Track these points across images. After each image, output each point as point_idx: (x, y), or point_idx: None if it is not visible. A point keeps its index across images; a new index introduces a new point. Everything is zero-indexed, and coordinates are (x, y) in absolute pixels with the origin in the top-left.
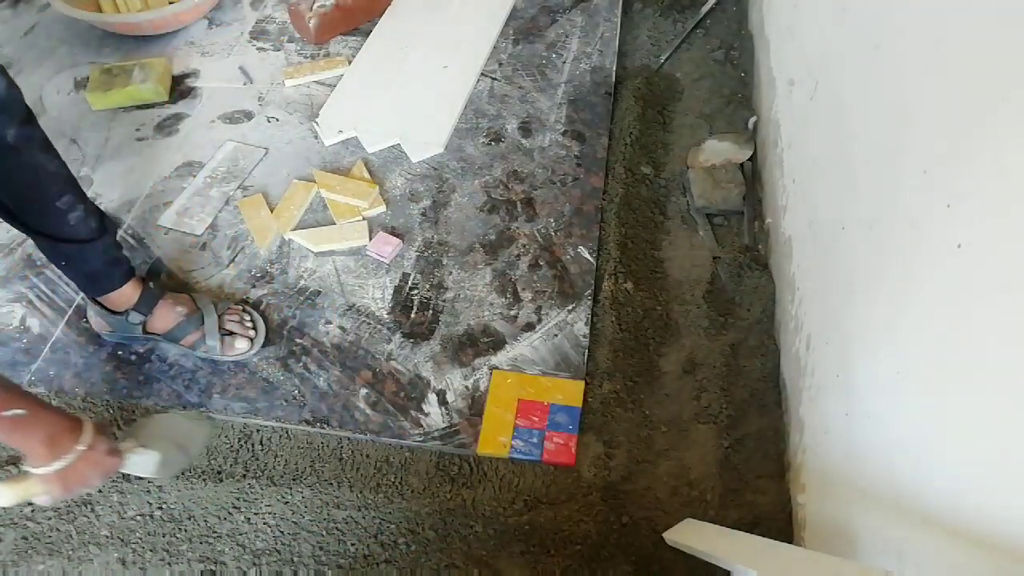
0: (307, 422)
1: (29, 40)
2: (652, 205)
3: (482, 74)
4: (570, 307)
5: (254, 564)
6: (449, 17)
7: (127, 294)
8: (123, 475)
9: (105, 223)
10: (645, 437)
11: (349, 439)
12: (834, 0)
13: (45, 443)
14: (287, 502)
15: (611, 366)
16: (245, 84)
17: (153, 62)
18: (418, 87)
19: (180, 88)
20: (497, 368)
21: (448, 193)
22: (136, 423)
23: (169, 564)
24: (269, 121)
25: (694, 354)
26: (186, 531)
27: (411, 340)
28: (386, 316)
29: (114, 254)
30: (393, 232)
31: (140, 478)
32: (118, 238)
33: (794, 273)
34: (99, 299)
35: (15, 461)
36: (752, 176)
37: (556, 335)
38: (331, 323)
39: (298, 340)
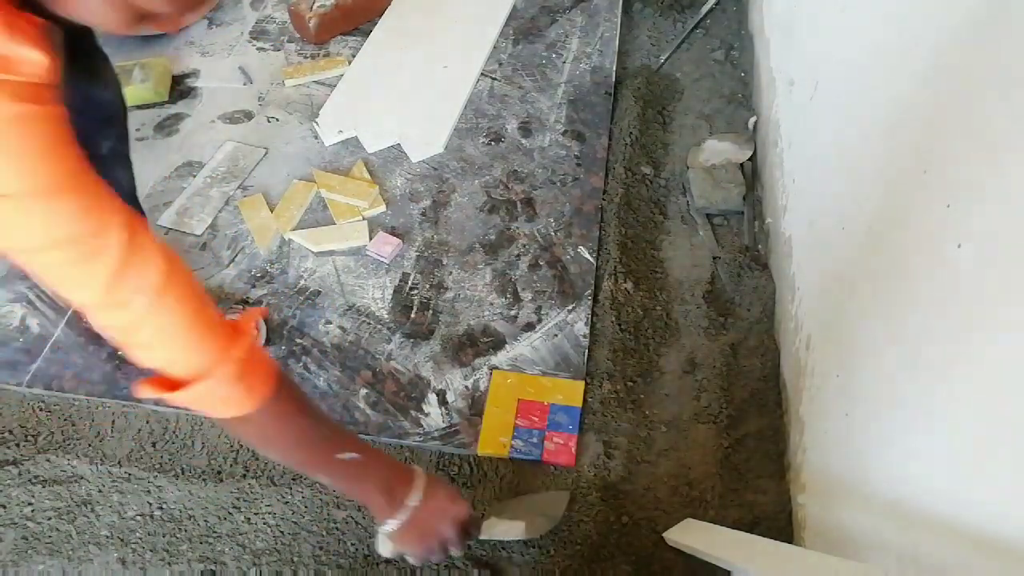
0: None
1: None
2: (652, 205)
3: (482, 74)
4: (570, 307)
5: (254, 564)
6: (449, 17)
7: None
8: (125, 477)
9: None
10: (645, 437)
11: None
12: (834, 0)
13: (382, 492)
14: (287, 502)
15: (611, 366)
16: (245, 84)
17: (153, 62)
18: (418, 87)
19: (180, 88)
20: (497, 368)
21: (448, 193)
22: (502, 502)
23: (169, 564)
24: (269, 121)
25: (694, 354)
26: (186, 531)
27: (411, 340)
28: (386, 316)
29: None
30: (393, 232)
31: None
32: None
33: (794, 273)
34: None
35: (16, 462)
36: (752, 176)
37: (556, 335)
38: (331, 323)
39: (298, 340)
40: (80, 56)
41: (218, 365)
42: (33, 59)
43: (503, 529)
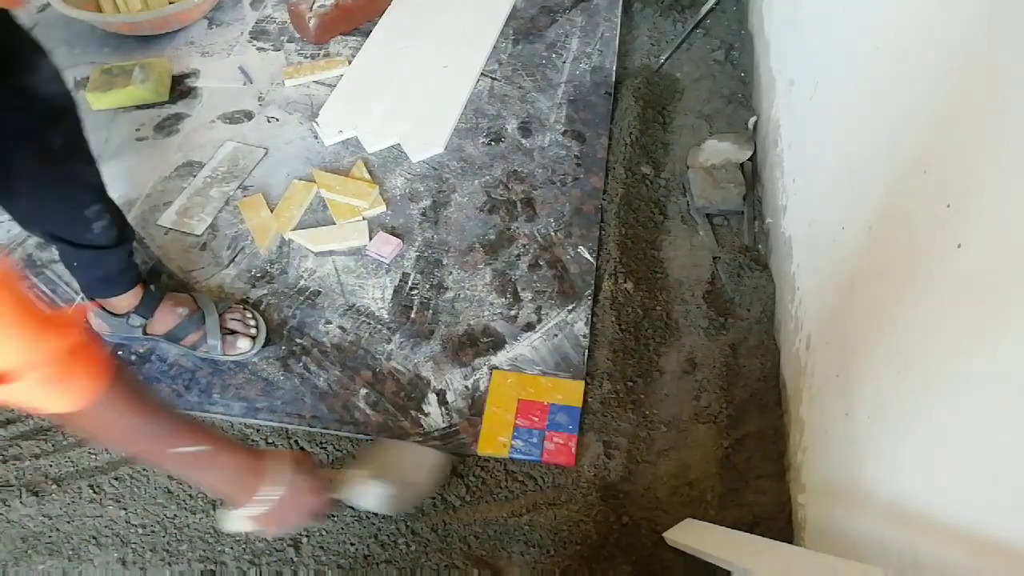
0: (307, 422)
1: None
2: (652, 205)
3: (482, 74)
4: (570, 307)
5: (254, 564)
6: (449, 17)
7: (129, 298)
8: (125, 476)
9: (126, 232)
10: (645, 437)
11: (349, 439)
12: (834, 0)
13: (230, 482)
14: None
15: (611, 366)
16: (245, 84)
17: (153, 62)
18: (418, 87)
19: (180, 88)
20: (497, 368)
21: (448, 193)
22: (366, 449)
23: (169, 564)
24: (269, 121)
25: (694, 354)
26: (186, 531)
27: (411, 340)
28: (386, 316)
29: (128, 262)
30: (393, 232)
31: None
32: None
33: (794, 273)
34: (100, 302)
35: (16, 461)
36: (752, 176)
37: (556, 335)
38: (331, 323)
39: (298, 340)
40: (6, 54)
41: (38, 362)
42: None
43: (362, 492)
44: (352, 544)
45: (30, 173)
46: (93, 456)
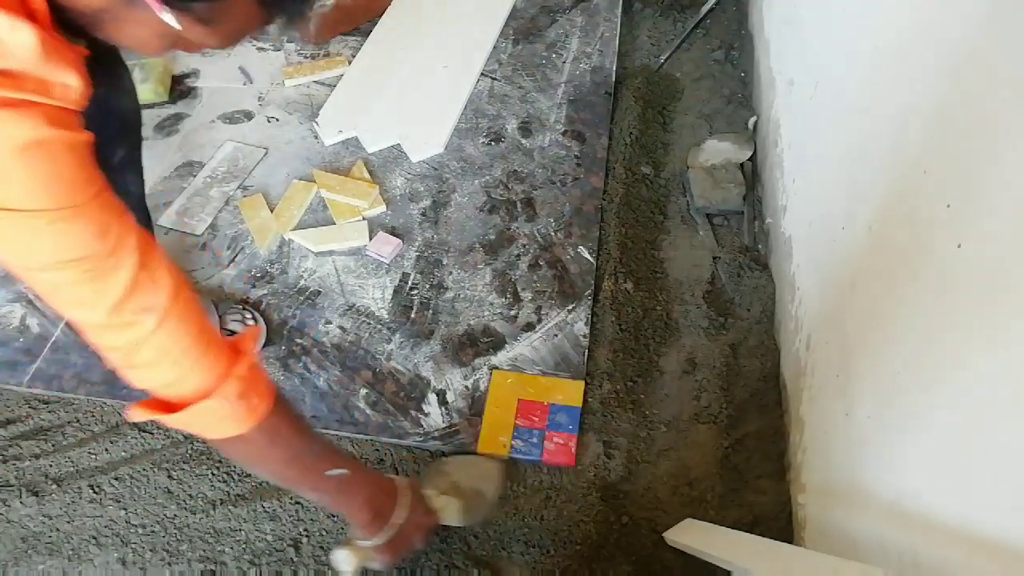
0: (307, 422)
1: None
2: (652, 205)
3: (482, 74)
4: (570, 307)
5: (254, 564)
6: (449, 17)
7: None
8: (125, 476)
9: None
10: (645, 437)
11: (349, 439)
12: (834, 0)
13: (369, 508)
14: (287, 502)
15: (611, 366)
16: (245, 84)
17: (153, 62)
18: (418, 87)
19: (180, 88)
20: (497, 368)
21: (448, 193)
22: (430, 468)
23: (169, 564)
24: (269, 121)
25: (694, 354)
26: (186, 531)
27: (411, 340)
28: (386, 316)
29: None
30: (393, 232)
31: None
32: None
33: (794, 273)
34: None
35: (16, 460)
36: (752, 176)
37: (556, 335)
38: (331, 323)
39: (298, 340)
40: (102, 65)
41: (220, 384)
42: (69, 83)
43: (442, 508)
44: None
45: None
46: (93, 456)
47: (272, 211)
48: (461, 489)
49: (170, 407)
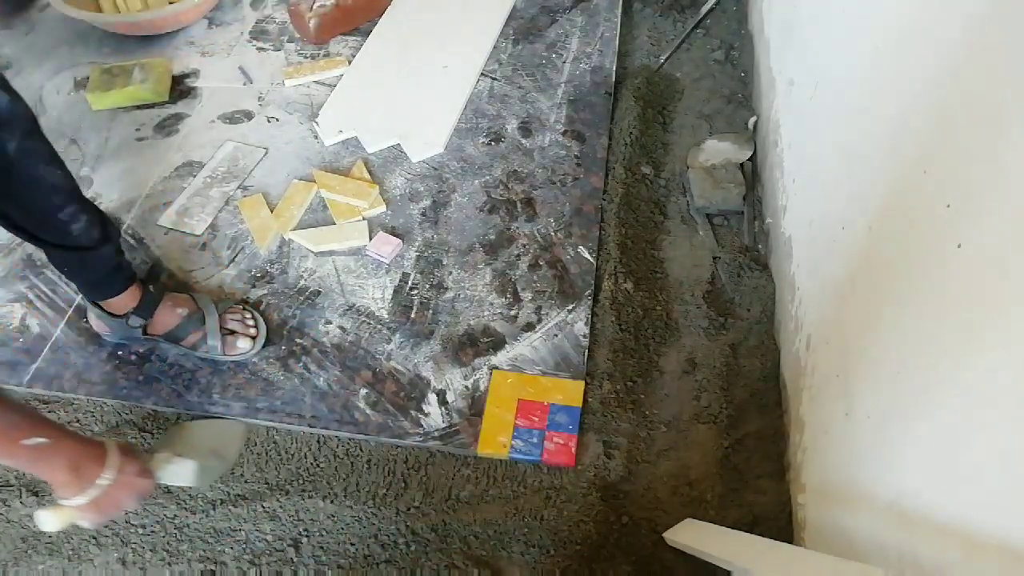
0: (307, 422)
1: (29, 40)
2: (652, 205)
3: (482, 74)
4: (570, 307)
5: (254, 564)
6: (449, 17)
7: (126, 298)
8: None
9: (108, 231)
10: (645, 437)
11: (349, 439)
12: (834, 0)
13: (69, 471)
14: (287, 502)
15: (611, 366)
16: (245, 84)
17: (153, 62)
18: (418, 87)
19: (180, 88)
20: (497, 368)
21: (448, 193)
22: (168, 432)
23: (169, 564)
24: (269, 121)
25: (694, 354)
26: (186, 531)
27: (411, 340)
28: (386, 316)
29: (116, 261)
30: (393, 232)
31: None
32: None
33: (794, 273)
34: (99, 303)
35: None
36: (752, 176)
37: (556, 335)
38: (331, 323)
39: (298, 340)
40: None
41: None
42: None
43: (172, 471)
44: (352, 544)
45: None
46: None
47: (272, 211)
48: (198, 450)
49: None
